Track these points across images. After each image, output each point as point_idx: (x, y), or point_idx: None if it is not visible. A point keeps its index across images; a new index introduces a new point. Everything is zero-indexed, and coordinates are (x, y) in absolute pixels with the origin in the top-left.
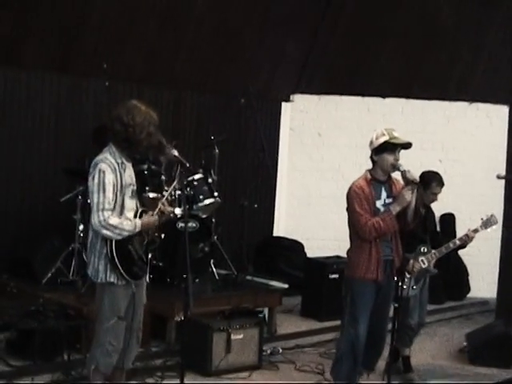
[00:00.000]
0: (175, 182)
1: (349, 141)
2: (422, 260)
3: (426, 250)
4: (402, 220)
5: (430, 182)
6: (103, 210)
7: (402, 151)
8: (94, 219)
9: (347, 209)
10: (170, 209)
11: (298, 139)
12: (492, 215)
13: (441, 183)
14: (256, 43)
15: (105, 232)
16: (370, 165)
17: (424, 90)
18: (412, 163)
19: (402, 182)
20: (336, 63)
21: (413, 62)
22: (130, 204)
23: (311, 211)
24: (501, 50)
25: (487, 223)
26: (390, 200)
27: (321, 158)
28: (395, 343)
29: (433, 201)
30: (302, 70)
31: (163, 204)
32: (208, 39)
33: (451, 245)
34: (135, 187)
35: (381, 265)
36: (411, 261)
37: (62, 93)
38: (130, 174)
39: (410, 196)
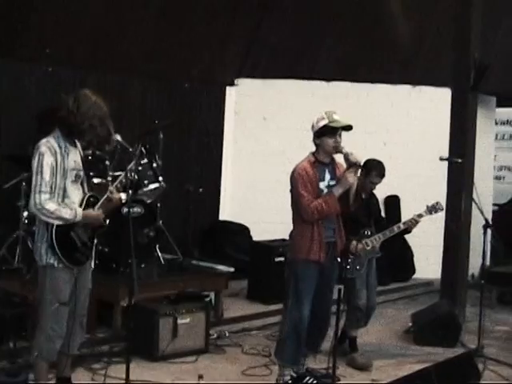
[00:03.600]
0: (128, 168)
1: (294, 124)
2: (366, 242)
3: (369, 233)
4: (345, 202)
5: (371, 170)
6: (40, 192)
7: (347, 134)
8: (31, 201)
9: (291, 190)
10: (117, 196)
11: (243, 123)
12: (437, 202)
13: (381, 174)
14: (200, 27)
15: (40, 216)
16: (314, 148)
17: (368, 73)
18: (357, 146)
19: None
20: (280, 47)
21: (357, 46)
22: (73, 189)
23: (257, 195)
24: (444, 33)
25: (432, 209)
26: (334, 182)
27: (266, 142)
28: (344, 324)
29: (371, 189)
30: (246, 53)
31: (111, 192)
32: (152, 23)
33: (395, 228)
34: (81, 172)
35: (323, 247)
36: (354, 242)
37: (4, 79)
38: (74, 159)
39: (352, 178)
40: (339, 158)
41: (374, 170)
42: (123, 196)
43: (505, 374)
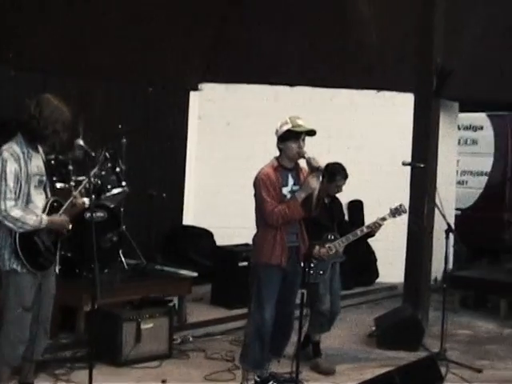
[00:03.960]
0: (92, 173)
1: (257, 129)
2: (329, 246)
3: (333, 237)
4: (307, 207)
5: (335, 174)
6: (5, 199)
7: (311, 139)
8: None
9: (254, 195)
10: (81, 200)
11: (207, 128)
12: (401, 205)
13: (345, 176)
14: (164, 31)
15: (6, 223)
16: (278, 153)
17: (332, 78)
18: (320, 151)
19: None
20: (244, 52)
21: (320, 51)
22: (36, 194)
23: (220, 200)
24: (407, 38)
25: (395, 212)
26: (297, 187)
27: (229, 147)
28: (307, 329)
29: (337, 192)
30: (210, 58)
31: (75, 196)
32: (115, 27)
33: (359, 232)
34: (44, 177)
35: (285, 251)
36: (317, 246)
37: None
38: (37, 164)
39: (315, 183)
40: (303, 163)
41: (337, 173)
42: (86, 201)
43: (467, 377)
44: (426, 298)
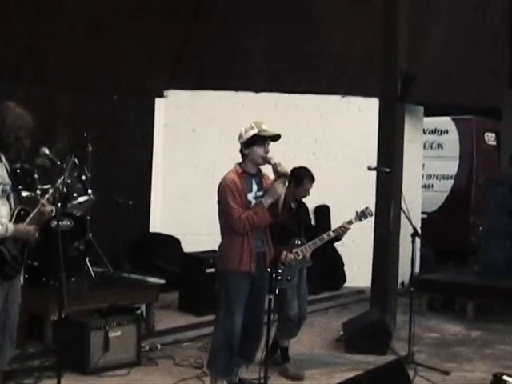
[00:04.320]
0: (58, 181)
1: (223, 136)
2: (297, 252)
3: (299, 242)
4: (273, 213)
5: (302, 178)
6: None
7: (276, 145)
8: None
9: (218, 202)
10: (49, 208)
11: (173, 135)
12: (367, 208)
13: (312, 179)
14: (128, 39)
15: None
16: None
17: (297, 84)
18: (286, 157)
19: (271, 175)
20: (209, 58)
21: (286, 57)
22: (0, 204)
23: (187, 206)
24: (371, 43)
25: (361, 216)
26: (261, 193)
27: (195, 154)
28: (275, 335)
29: (304, 196)
30: (175, 65)
31: (43, 205)
32: (80, 35)
33: (325, 237)
34: (8, 186)
35: (253, 257)
36: (284, 252)
37: None
38: (0, 174)
39: (281, 189)
40: (266, 169)
41: (305, 177)
42: (52, 209)
43: (435, 380)
44: (393, 301)
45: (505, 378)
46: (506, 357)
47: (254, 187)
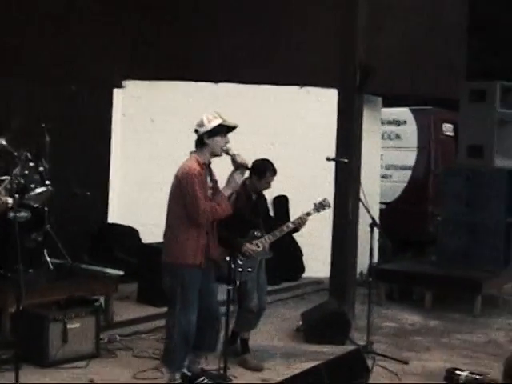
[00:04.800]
0: (14, 172)
1: (181, 126)
2: (256, 243)
3: (259, 234)
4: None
5: (265, 171)
6: None
7: (235, 136)
8: None
9: (174, 192)
10: (4, 199)
11: (131, 125)
12: (325, 199)
13: (274, 172)
14: (87, 29)
15: None
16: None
17: (256, 74)
18: (244, 147)
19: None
20: (168, 49)
21: (245, 47)
22: None
23: (145, 197)
24: (330, 34)
25: (319, 207)
26: (211, 184)
27: (154, 144)
28: (234, 326)
29: (266, 188)
30: (133, 55)
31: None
32: (37, 25)
33: (285, 228)
34: None
35: (204, 250)
36: (246, 244)
37: None
38: None
39: (240, 179)
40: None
41: (268, 170)
42: (9, 200)
43: (394, 369)
44: (351, 291)
45: (457, 372)
46: (463, 346)
47: (208, 178)
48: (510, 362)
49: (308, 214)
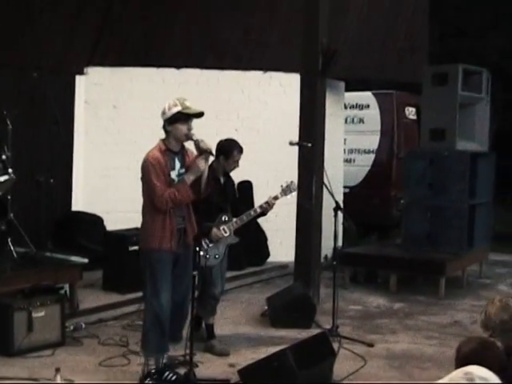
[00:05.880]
0: None
1: (144, 112)
2: (224, 229)
3: (227, 218)
4: (196, 189)
5: (232, 150)
6: None
7: (198, 121)
8: None
9: (142, 179)
10: None
11: (94, 112)
12: (292, 182)
13: (241, 150)
14: (47, 15)
15: None
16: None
17: (218, 59)
18: (208, 132)
19: (195, 152)
20: (130, 35)
21: (207, 32)
22: None
23: (110, 184)
24: (292, 18)
25: (287, 190)
26: (183, 170)
27: (117, 131)
28: (198, 312)
29: (234, 168)
30: (95, 42)
31: None
32: None
33: (252, 212)
34: None
35: (175, 235)
36: (214, 229)
37: None
38: None
39: (203, 165)
40: (188, 145)
41: (234, 149)
42: None
43: (359, 352)
44: (316, 275)
45: None
46: (428, 327)
47: (177, 165)
48: (459, 348)
49: (275, 198)
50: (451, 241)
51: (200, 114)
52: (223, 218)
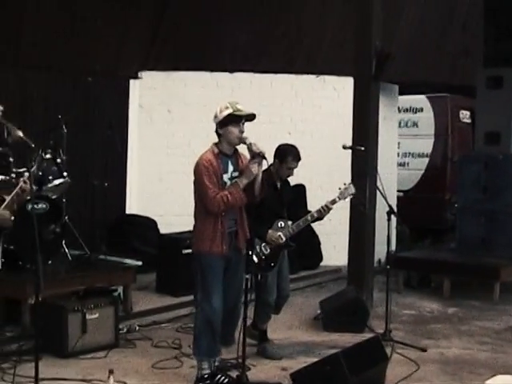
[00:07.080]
0: (32, 164)
1: (198, 116)
2: (280, 235)
3: (283, 224)
4: (250, 193)
5: (286, 155)
6: None
7: (251, 125)
8: None
9: (194, 182)
10: (28, 187)
11: (148, 116)
12: (350, 184)
13: (297, 157)
14: (103, 20)
15: None
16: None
17: (272, 63)
18: (262, 136)
19: (248, 155)
20: (183, 39)
21: (260, 36)
22: None
23: (163, 188)
24: (346, 22)
25: (345, 193)
26: (237, 174)
27: (171, 135)
28: (254, 317)
29: (288, 175)
30: (149, 46)
31: (24, 181)
32: (52, 16)
33: (309, 218)
34: None
35: (226, 238)
36: (270, 231)
37: None
38: None
39: (256, 169)
40: (241, 149)
41: (289, 155)
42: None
43: (412, 357)
44: (370, 279)
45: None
46: (482, 333)
47: (230, 168)
48: None
49: (333, 202)
50: (506, 245)
51: (251, 116)
52: (279, 224)
